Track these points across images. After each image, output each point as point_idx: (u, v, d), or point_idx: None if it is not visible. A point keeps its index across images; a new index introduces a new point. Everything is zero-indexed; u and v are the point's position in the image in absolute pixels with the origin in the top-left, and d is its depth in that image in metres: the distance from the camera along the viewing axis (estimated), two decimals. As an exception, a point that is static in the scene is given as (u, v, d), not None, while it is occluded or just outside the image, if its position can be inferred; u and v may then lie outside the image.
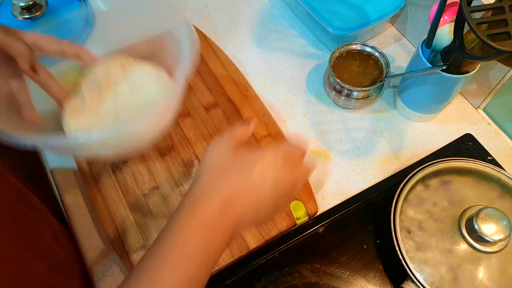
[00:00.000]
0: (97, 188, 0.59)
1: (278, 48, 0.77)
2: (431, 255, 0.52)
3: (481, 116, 0.71)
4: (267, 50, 0.77)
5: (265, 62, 0.75)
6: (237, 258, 0.55)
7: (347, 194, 0.62)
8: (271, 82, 0.73)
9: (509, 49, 0.44)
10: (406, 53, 0.77)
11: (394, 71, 0.74)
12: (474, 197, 0.56)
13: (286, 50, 0.77)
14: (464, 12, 0.45)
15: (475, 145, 0.67)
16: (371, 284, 0.55)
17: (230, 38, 0.78)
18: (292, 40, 0.78)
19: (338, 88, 0.67)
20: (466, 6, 0.45)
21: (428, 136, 0.68)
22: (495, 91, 0.67)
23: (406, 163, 0.65)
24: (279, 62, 0.75)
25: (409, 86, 0.66)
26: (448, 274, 0.51)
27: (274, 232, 0.56)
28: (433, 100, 0.65)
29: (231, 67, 0.72)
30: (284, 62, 0.75)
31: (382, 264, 0.56)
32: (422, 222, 0.54)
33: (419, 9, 0.72)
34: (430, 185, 0.57)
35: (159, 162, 0.61)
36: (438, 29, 0.55)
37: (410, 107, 0.68)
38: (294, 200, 0.59)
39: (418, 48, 0.60)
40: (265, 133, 0.65)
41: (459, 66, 0.57)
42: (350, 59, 0.68)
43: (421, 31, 0.74)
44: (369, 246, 0.58)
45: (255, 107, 0.67)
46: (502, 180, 0.56)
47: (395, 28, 0.80)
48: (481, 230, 0.49)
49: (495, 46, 0.44)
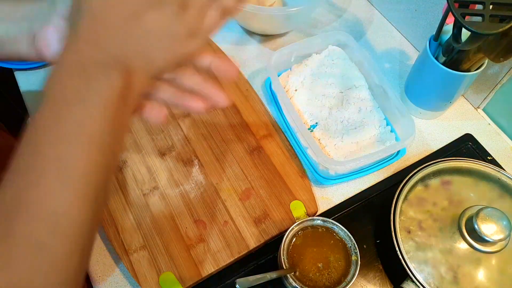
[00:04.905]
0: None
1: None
2: (431, 255, 0.52)
3: (481, 116, 0.71)
4: (268, 50, 0.77)
5: (265, 62, 0.75)
6: (237, 258, 0.55)
7: (347, 194, 0.62)
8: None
9: (480, 30, 0.46)
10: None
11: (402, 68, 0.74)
12: (474, 197, 0.56)
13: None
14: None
15: (475, 145, 0.67)
16: (371, 284, 0.55)
17: (230, 37, 0.78)
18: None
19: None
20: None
21: (428, 136, 0.68)
22: (495, 91, 0.67)
23: (406, 163, 0.65)
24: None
25: (416, 80, 0.66)
26: (448, 274, 0.51)
27: (274, 232, 0.56)
28: (437, 96, 0.66)
29: (231, 67, 0.72)
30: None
31: (382, 264, 0.57)
32: (422, 222, 0.54)
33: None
34: (430, 185, 0.57)
35: (159, 162, 0.61)
36: (447, 25, 0.56)
37: (414, 102, 0.68)
38: (295, 200, 0.59)
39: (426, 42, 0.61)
40: (265, 133, 0.65)
41: (460, 63, 0.58)
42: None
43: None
44: (369, 246, 0.58)
45: (255, 107, 0.67)
46: (502, 180, 0.56)
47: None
48: (481, 230, 0.49)
49: (468, 27, 0.46)
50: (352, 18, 0.82)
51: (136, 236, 0.55)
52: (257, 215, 0.58)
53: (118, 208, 0.57)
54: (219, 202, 0.58)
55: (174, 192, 0.59)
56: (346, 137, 0.62)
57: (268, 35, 0.79)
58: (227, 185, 0.60)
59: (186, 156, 0.62)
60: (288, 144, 0.64)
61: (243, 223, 0.57)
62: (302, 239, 0.52)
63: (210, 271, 0.54)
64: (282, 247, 0.50)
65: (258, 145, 0.64)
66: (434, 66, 0.59)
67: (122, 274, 0.55)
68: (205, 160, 0.62)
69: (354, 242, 0.51)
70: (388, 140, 0.62)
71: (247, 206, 0.58)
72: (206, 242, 0.55)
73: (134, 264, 0.53)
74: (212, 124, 0.65)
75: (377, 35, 0.80)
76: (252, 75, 0.73)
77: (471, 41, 0.51)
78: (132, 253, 0.54)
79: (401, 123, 0.63)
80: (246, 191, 0.59)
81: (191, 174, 0.61)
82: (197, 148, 0.63)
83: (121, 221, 0.56)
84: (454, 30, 0.53)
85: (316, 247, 0.52)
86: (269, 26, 0.76)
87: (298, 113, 0.64)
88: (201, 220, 0.57)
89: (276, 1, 0.75)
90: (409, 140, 0.59)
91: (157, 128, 0.64)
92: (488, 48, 0.52)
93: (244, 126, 0.65)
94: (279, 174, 0.61)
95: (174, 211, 0.57)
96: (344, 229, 0.52)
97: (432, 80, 0.63)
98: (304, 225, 0.52)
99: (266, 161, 0.62)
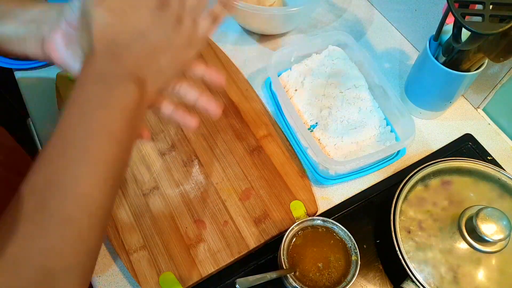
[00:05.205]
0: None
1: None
2: (431, 255, 0.52)
3: (481, 116, 0.71)
4: (268, 50, 0.77)
5: (265, 62, 0.75)
6: (237, 258, 0.55)
7: (347, 194, 0.62)
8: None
9: (480, 30, 0.46)
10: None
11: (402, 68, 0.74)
12: (474, 197, 0.56)
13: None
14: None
15: (475, 145, 0.67)
16: (371, 284, 0.55)
17: (230, 37, 0.78)
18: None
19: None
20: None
21: (428, 136, 0.68)
22: (495, 91, 0.67)
23: (406, 163, 0.65)
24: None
25: (416, 80, 0.66)
26: (448, 274, 0.51)
27: (274, 232, 0.56)
28: (438, 96, 0.65)
29: (231, 67, 0.72)
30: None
31: (382, 264, 0.57)
32: (422, 222, 0.54)
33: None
34: (430, 185, 0.57)
35: (159, 162, 0.61)
36: (447, 25, 0.56)
37: (414, 102, 0.68)
38: (294, 200, 0.59)
39: (426, 42, 0.61)
40: (265, 133, 0.65)
41: (460, 63, 0.58)
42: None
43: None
44: (369, 246, 0.58)
45: (255, 107, 0.67)
46: (502, 180, 0.56)
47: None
48: (481, 230, 0.49)
49: (468, 27, 0.46)
50: (352, 18, 0.82)
51: (136, 236, 0.55)
52: (257, 215, 0.58)
53: (118, 208, 0.57)
54: (219, 202, 0.58)
55: (174, 192, 0.59)
56: (346, 137, 0.62)
57: (268, 35, 0.79)
58: (227, 185, 0.60)
59: (186, 156, 0.62)
60: (288, 144, 0.64)
61: (243, 223, 0.57)
62: (302, 239, 0.52)
63: (210, 271, 0.54)
64: (282, 247, 0.50)
65: (258, 145, 0.64)
66: (434, 66, 0.59)
67: (122, 274, 0.55)
68: (205, 160, 0.62)
69: (354, 242, 0.51)
70: (388, 140, 0.62)
71: (247, 206, 0.58)
72: (206, 242, 0.55)
73: (134, 264, 0.53)
74: (212, 124, 0.65)
75: (377, 35, 0.80)
76: (252, 75, 0.73)
77: (471, 41, 0.51)
78: (132, 253, 0.54)
79: (401, 123, 0.62)
80: (246, 191, 0.59)
81: (191, 174, 0.61)
82: (197, 148, 0.63)
83: (121, 221, 0.56)
84: (454, 30, 0.53)
85: (316, 247, 0.52)
86: (269, 26, 0.76)
87: (298, 113, 0.64)
88: (201, 220, 0.57)
89: (276, 1, 0.75)
90: (409, 140, 0.59)
91: (157, 128, 0.64)
92: (488, 48, 0.52)
93: (244, 126, 0.65)
94: (279, 174, 0.61)
95: (174, 211, 0.57)
96: (344, 229, 0.52)
97: (432, 80, 0.63)
98: (304, 225, 0.52)
99: (266, 161, 0.62)
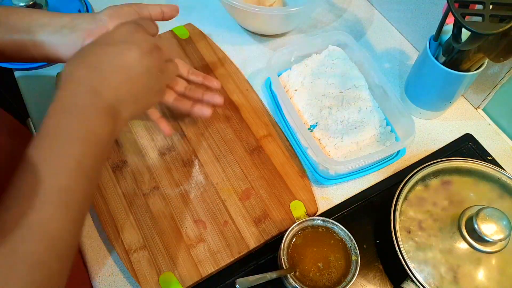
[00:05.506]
0: (97, 188, 0.59)
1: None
2: (431, 255, 0.52)
3: (481, 116, 0.71)
4: (268, 50, 0.77)
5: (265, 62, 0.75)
6: (237, 258, 0.55)
7: (347, 194, 0.62)
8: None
9: (480, 30, 0.46)
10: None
11: (402, 68, 0.74)
12: (474, 197, 0.56)
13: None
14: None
15: (475, 145, 0.67)
16: (371, 284, 0.55)
17: (230, 37, 0.78)
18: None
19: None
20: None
21: (427, 136, 0.68)
22: (495, 91, 0.67)
23: (406, 163, 0.65)
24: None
25: (416, 80, 0.66)
26: (448, 274, 0.51)
27: (274, 232, 0.56)
28: (438, 96, 0.65)
29: (231, 67, 0.72)
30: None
31: (382, 264, 0.57)
32: (422, 222, 0.54)
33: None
34: (430, 185, 0.57)
35: (159, 162, 0.61)
36: (447, 25, 0.56)
37: (414, 102, 0.68)
38: (294, 200, 0.59)
39: (426, 42, 0.61)
40: (265, 133, 0.65)
41: (460, 63, 0.58)
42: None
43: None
44: (369, 246, 0.58)
45: (255, 107, 0.67)
46: (502, 180, 0.56)
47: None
48: (481, 230, 0.49)
49: (468, 27, 0.46)
50: (352, 18, 0.82)
51: (136, 236, 0.55)
52: (257, 215, 0.58)
53: (118, 208, 0.57)
54: (219, 202, 0.58)
55: (174, 192, 0.59)
56: (346, 137, 0.62)
57: (268, 35, 0.79)
58: (227, 185, 0.60)
59: (186, 156, 0.62)
60: (288, 144, 0.64)
61: (243, 223, 0.57)
62: (302, 239, 0.52)
63: (210, 271, 0.54)
64: (282, 247, 0.50)
65: (258, 145, 0.64)
66: (434, 66, 0.59)
67: (122, 274, 0.55)
68: (205, 160, 0.62)
69: (354, 242, 0.51)
70: (388, 140, 0.62)
71: (247, 206, 0.58)
72: (206, 242, 0.55)
73: (134, 264, 0.53)
74: (212, 124, 0.65)
75: (377, 35, 0.80)
76: (252, 75, 0.73)
77: (471, 41, 0.51)
78: (132, 253, 0.54)
79: (401, 123, 0.62)
80: (246, 191, 0.59)
81: (191, 174, 0.61)
82: (197, 148, 0.63)
83: (121, 221, 0.56)
84: (454, 30, 0.53)
85: (316, 247, 0.52)
86: (269, 26, 0.76)
87: (298, 113, 0.64)
88: (201, 220, 0.57)
89: (276, 1, 0.75)
90: (409, 140, 0.58)
91: (157, 128, 0.64)
92: (488, 48, 0.52)
93: (244, 126, 0.65)
94: (279, 174, 0.61)
95: (174, 211, 0.57)
96: (344, 229, 0.52)
97: (432, 80, 0.63)
98: (304, 225, 0.52)
99: (266, 161, 0.62)
